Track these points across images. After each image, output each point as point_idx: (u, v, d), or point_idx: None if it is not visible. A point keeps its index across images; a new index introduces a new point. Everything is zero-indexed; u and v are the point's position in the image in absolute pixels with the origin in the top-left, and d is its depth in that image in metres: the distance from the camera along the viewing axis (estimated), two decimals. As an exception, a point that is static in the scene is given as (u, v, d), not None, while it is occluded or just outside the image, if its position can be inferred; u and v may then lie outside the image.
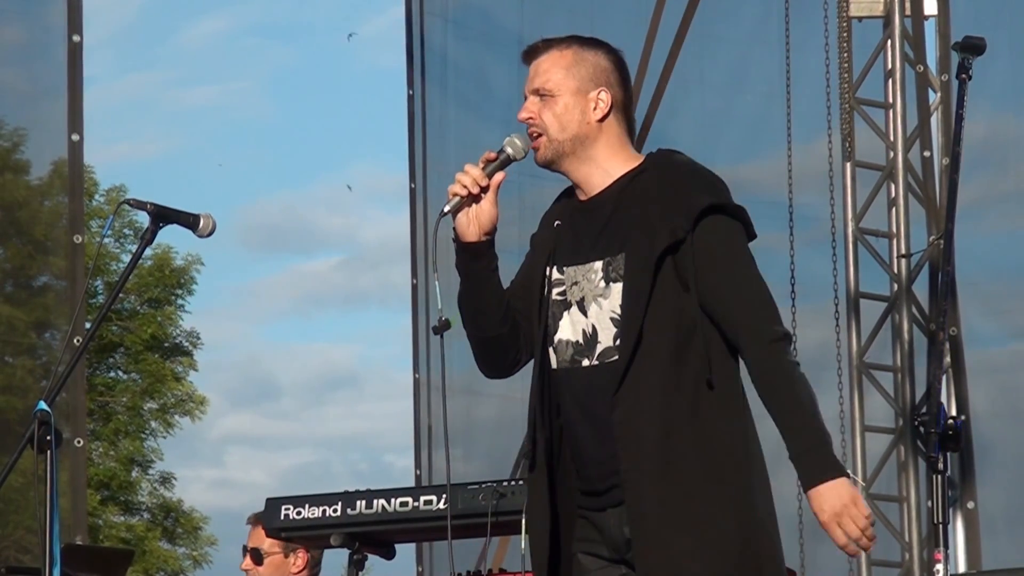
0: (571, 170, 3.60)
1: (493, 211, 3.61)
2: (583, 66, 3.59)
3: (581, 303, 3.53)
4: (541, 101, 3.60)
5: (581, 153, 3.57)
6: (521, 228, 10.21)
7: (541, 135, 3.59)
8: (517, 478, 5.11)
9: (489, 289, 3.63)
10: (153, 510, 23.59)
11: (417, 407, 9.00)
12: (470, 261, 3.63)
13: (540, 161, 3.61)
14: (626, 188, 3.55)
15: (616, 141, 3.58)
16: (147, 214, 4.05)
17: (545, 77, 3.60)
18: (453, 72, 9.35)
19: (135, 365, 23.46)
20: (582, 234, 3.57)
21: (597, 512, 3.52)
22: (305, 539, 4.97)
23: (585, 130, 3.57)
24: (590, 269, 3.53)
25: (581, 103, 3.57)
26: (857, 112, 8.44)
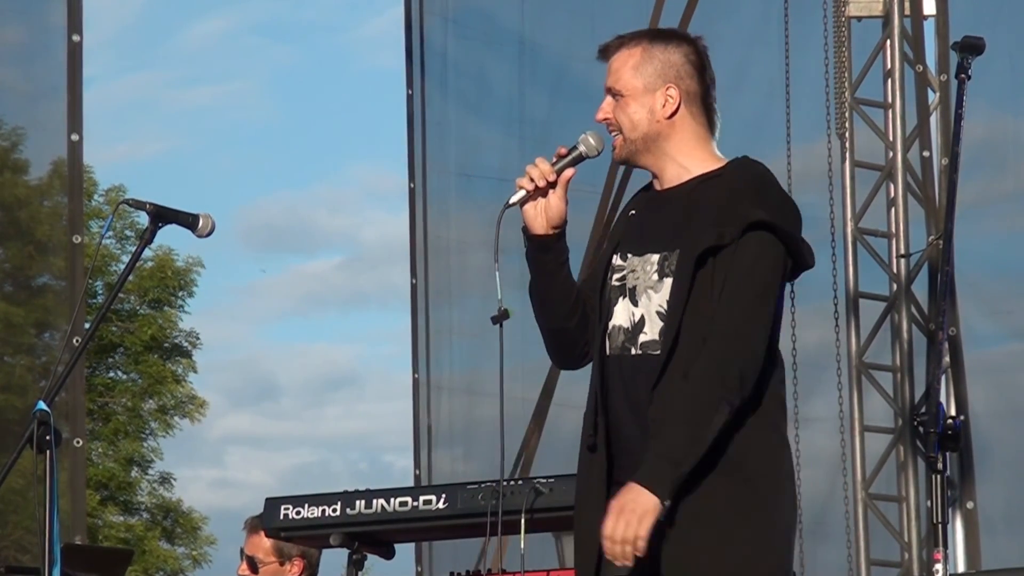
0: (647, 164, 3.63)
1: (561, 206, 3.62)
2: (651, 63, 3.60)
3: (634, 292, 3.56)
4: (615, 101, 3.62)
5: (655, 149, 3.59)
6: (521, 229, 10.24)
7: (618, 134, 3.62)
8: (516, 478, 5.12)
9: (558, 281, 3.65)
10: (152, 510, 23.58)
11: (416, 407, 9.00)
12: (539, 253, 3.66)
13: (617, 159, 3.64)
14: (697, 188, 3.56)
15: (691, 136, 3.59)
16: (146, 214, 4.06)
17: (615, 77, 3.62)
18: (453, 72, 9.35)
19: (135, 366, 23.45)
20: (648, 225, 3.60)
21: None
22: (304, 539, 4.96)
23: (656, 128, 3.58)
24: (647, 260, 3.56)
25: (649, 101, 3.58)
26: (856, 112, 8.44)
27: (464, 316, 9.37)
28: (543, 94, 9.39)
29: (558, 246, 3.65)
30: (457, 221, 9.35)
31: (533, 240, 3.66)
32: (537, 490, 4.55)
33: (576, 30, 9.37)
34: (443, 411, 9.07)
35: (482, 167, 9.41)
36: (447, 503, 4.68)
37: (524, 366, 9.18)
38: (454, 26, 9.34)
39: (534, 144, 9.34)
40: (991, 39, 3.61)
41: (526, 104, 9.37)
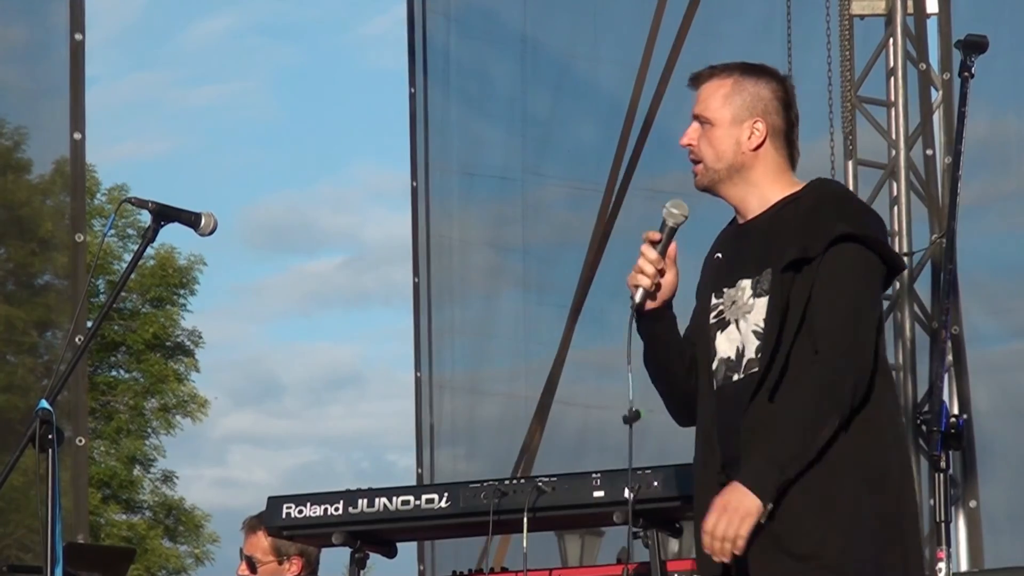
0: (728, 195, 3.69)
1: (673, 280, 3.68)
2: (741, 95, 3.66)
3: (737, 321, 3.62)
4: (701, 128, 3.67)
5: (737, 180, 3.66)
6: (524, 226, 10.30)
7: (699, 162, 3.67)
8: (519, 477, 5.12)
9: (672, 348, 3.72)
10: (155, 508, 23.59)
11: (418, 406, 8.99)
12: (651, 324, 3.71)
13: (698, 187, 3.70)
14: (779, 212, 3.63)
15: (773, 168, 3.67)
16: (149, 213, 4.06)
17: (704, 105, 3.67)
18: (455, 70, 9.35)
19: (137, 364, 23.45)
20: (736, 257, 3.67)
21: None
22: (307, 538, 4.96)
23: (740, 159, 3.65)
24: (739, 288, 3.62)
25: (736, 133, 3.65)
26: (859, 110, 8.43)
27: (466, 315, 9.37)
28: (545, 92, 9.39)
29: (669, 313, 3.72)
30: (460, 220, 9.35)
31: (645, 315, 3.70)
32: (539, 489, 4.54)
33: (578, 28, 9.36)
34: (445, 410, 9.06)
35: (484, 165, 9.41)
36: (449, 502, 4.67)
37: (527, 365, 9.18)
38: (456, 25, 9.34)
39: (536, 143, 9.34)
40: (994, 37, 3.61)
41: (528, 102, 9.37)
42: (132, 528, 22.83)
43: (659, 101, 8.76)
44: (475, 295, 9.45)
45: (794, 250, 3.50)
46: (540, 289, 9.32)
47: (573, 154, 9.32)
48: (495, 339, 9.35)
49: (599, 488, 4.50)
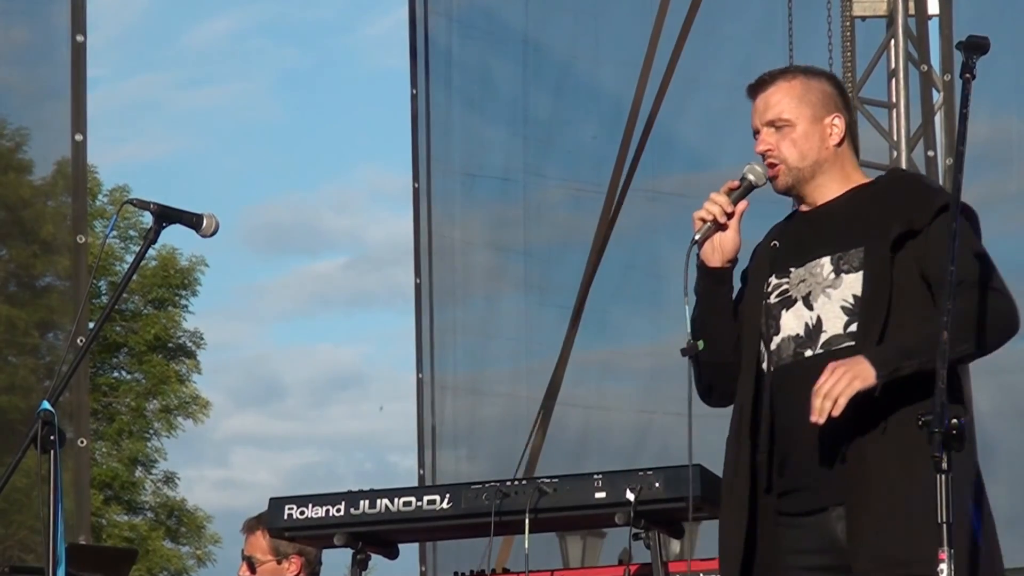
0: (809, 191, 3.74)
1: (736, 238, 3.73)
2: (813, 94, 3.74)
3: (807, 297, 3.63)
4: (777, 132, 3.73)
5: (820, 177, 3.71)
6: (525, 228, 10.29)
7: (779, 164, 3.72)
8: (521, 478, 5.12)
9: (725, 315, 3.74)
10: (156, 509, 23.60)
11: (420, 407, 9.00)
12: (713, 285, 3.74)
13: (779, 188, 3.75)
14: (857, 194, 3.69)
15: (850, 163, 3.75)
16: (150, 214, 4.06)
17: (779, 108, 3.74)
18: (457, 71, 9.35)
19: (138, 366, 23.46)
20: (806, 238, 3.70)
21: (807, 515, 3.55)
22: (308, 539, 4.96)
23: (824, 155, 3.71)
24: (816, 265, 3.65)
25: (818, 130, 3.72)
26: (860, 111, 8.43)
27: (468, 316, 9.37)
28: (547, 93, 9.39)
29: (730, 278, 3.75)
30: (461, 221, 9.36)
31: (710, 273, 3.73)
32: (541, 490, 4.54)
33: (580, 30, 9.37)
34: (447, 411, 9.07)
35: (486, 167, 9.41)
36: (451, 503, 4.67)
37: (528, 366, 9.18)
38: (458, 26, 9.34)
39: (538, 144, 9.34)
40: (995, 38, 3.61)
41: (530, 104, 9.37)
42: (134, 529, 22.84)
43: (660, 102, 8.76)
44: (477, 296, 9.45)
45: (898, 225, 3.54)
46: (542, 290, 9.32)
47: (574, 155, 9.32)
48: (497, 340, 9.35)
49: (601, 489, 4.50)
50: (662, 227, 9.10)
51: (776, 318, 3.65)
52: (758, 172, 3.73)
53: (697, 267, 3.74)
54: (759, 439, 3.61)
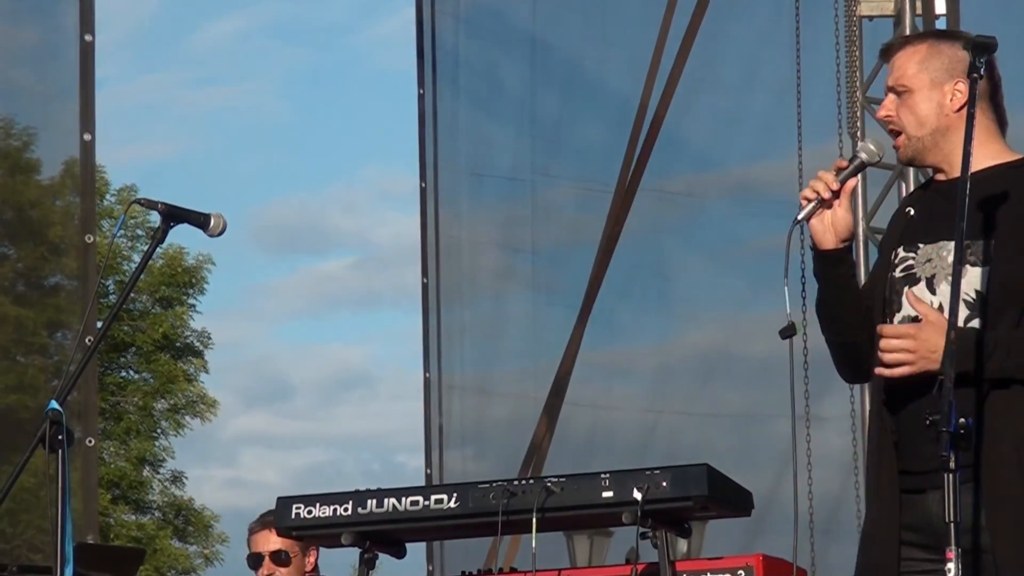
0: (935, 161, 3.61)
1: (848, 217, 3.61)
2: (938, 59, 3.59)
3: (931, 280, 3.53)
4: (898, 99, 3.60)
5: (943, 143, 3.58)
6: (533, 227, 10.28)
7: (900, 133, 3.60)
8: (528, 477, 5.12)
9: (847, 295, 3.64)
10: (164, 509, 23.62)
11: (428, 406, 9.00)
12: (829, 268, 3.63)
13: (902, 159, 3.63)
14: (998, 174, 3.54)
15: (982, 129, 3.56)
16: (158, 213, 4.06)
17: (899, 73, 3.60)
18: (465, 71, 9.35)
19: (146, 365, 23.48)
20: (938, 213, 3.56)
21: (914, 493, 3.51)
22: (316, 538, 4.97)
23: (944, 122, 3.58)
24: (943, 247, 3.52)
25: (937, 96, 3.57)
26: (868, 112, 8.43)
27: (476, 315, 9.37)
28: (554, 93, 9.39)
29: (848, 258, 3.64)
30: (468, 221, 9.36)
31: (823, 255, 3.63)
32: (548, 489, 4.54)
33: (587, 29, 9.37)
34: (454, 410, 9.07)
35: (493, 166, 9.42)
36: (458, 502, 4.67)
37: (536, 366, 9.18)
38: (465, 25, 9.35)
39: (545, 143, 9.34)
40: (1002, 38, 3.61)
41: (537, 103, 9.37)
42: (141, 528, 22.86)
43: (668, 102, 8.76)
44: (484, 296, 9.45)
45: None
46: (549, 290, 9.32)
47: (582, 155, 9.32)
48: (504, 340, 9.36)
49: (608, 488, 4.50)
50: (669, 227, 9.10)
51: (899, 294, 3.56)
52: (871, 150, 3.60)
53: (812, 250, 3.63)
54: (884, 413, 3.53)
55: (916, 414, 3.44)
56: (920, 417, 3.36)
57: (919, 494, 3.52)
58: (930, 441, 3.34)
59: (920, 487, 3.51)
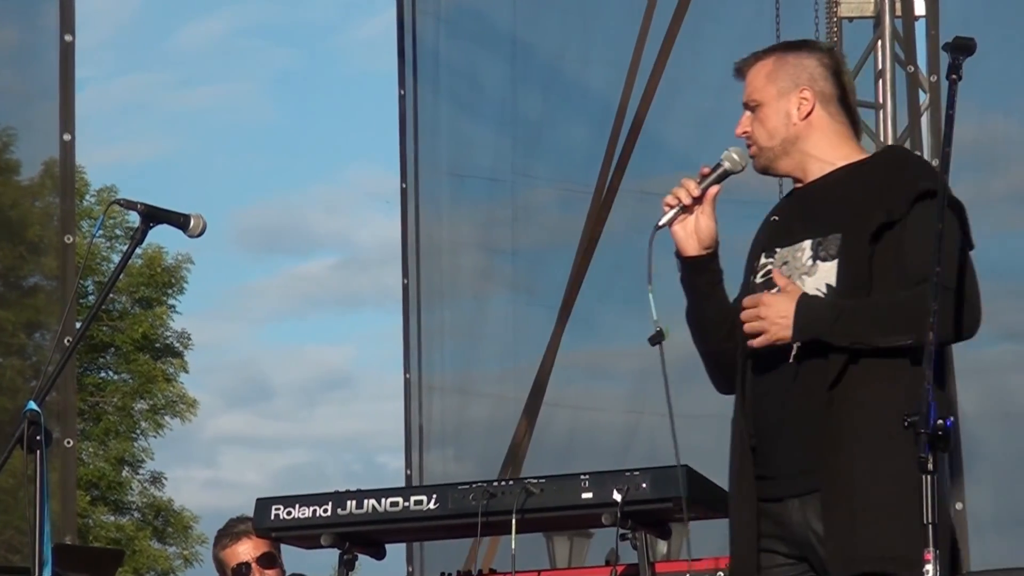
0: (789, 169, 3.65)
1: (711, 224, 3.64)
2: (783, 70, 3.64)
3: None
4: (752, 114, 3.66)
5: (794, 151, 3.62)
6: (514, 228, 10.29)
7: (753, 145, 3.66)
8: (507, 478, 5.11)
9: (712, 303, 3.66)
10: (143, 510, 23.56)
11: (408, 407, 8.99)
12: (693, 275, 3.66)
13: (757, 169, 3.68)
14: (846, 175, 3.57)
15: (831, 133, 3.61)
16: (138, 214, 4.06)
17: (750, 89, 3.67)
18: (445, 72, 9.34)
19: (126, 365, 23.43)
20: (794, 217, 3.61)
21: (773, 502, 3.51)
22: (295, 539, 4.96)
23: (793, 131, 3.62)
24: (797, 248, 3.56)
25: (784, 106, 3.62)
26: (848, 113, 8.44)
27: (456, 316, 9.37)
28: (535, 94, 9.39)
29: (712, 266, 3.67)
30: (449, 221, 9.35)
31: (686, 262, 3.66)
32: (528, 490, 4.54)
33: (568, 30, 9.36)
34: (435, 411, 9.06)
35: (474, 167, 9.41)
36: (438, 503, 4.67)
37: (517, 367, 9.18)
38: (446, 26, 9.34)
39: (526, 144, 9.34)
40: (981, 39, 3.61)
41: (518, 104, 9.37)
42: (120, 529, 22.80)
43: (648, 102, 8.76)
44: (465, 297, 9.45)
45: (880, 214, 3.44)
46: (530, 291, 9.32)
47: (563, 156, 9.32)
48: (485, 341, 9.35)
49: (588, 490, 4.50)
50: (650, 227, 9.09)
51: None
52: (734, 159, 3.66)
53: (676, 256, 3.66)
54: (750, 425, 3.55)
55: (770, 416, 3.48)
56: (774, 420, 3.42)
57: (777, 503, 3.52)
58: (784, 445, 3.38)
59: (777, 495, 3.51)
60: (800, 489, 3.47)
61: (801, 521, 3.48)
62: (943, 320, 3.38)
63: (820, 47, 3.70)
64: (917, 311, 3.35)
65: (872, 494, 3.39)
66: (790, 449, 3.48)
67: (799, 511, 3.48)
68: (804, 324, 3.40)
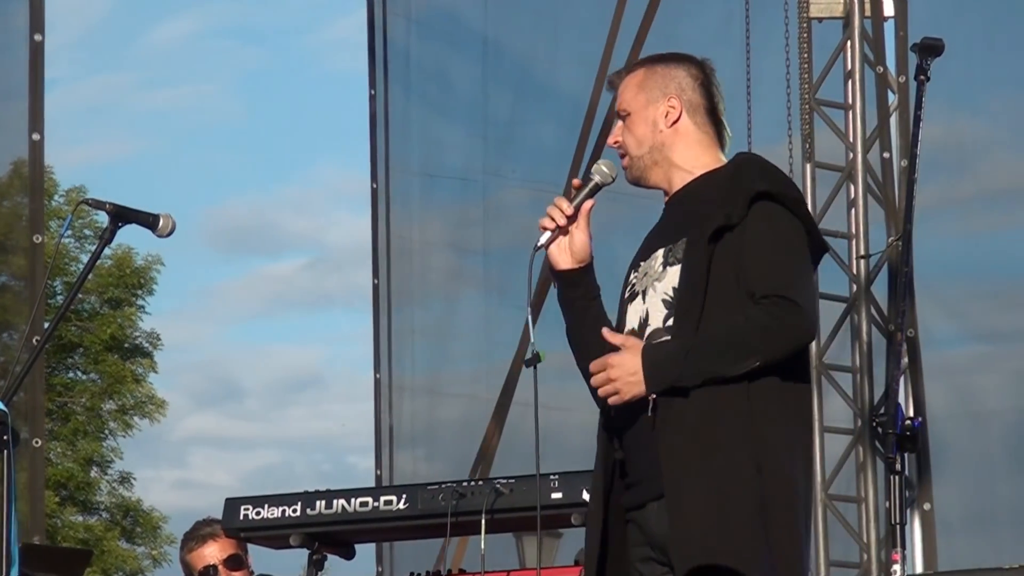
0: (658, 180, 3.67)
1: (584, 238, 3.65)
2: (652, 79, 3.67)
3: (644, 292, 3.59)
4: (623, 124, 3.68)
5: (661, 160, 3.64)
6: (485, 228, 10.28)
7: (625, 155, 3.67)
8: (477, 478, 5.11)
9: (590, 319, 3.66)
10: (112, 510, 23.49)
11: (378, 407, 8.98)
12: (568, 290, 3.67)
13: (629, 180, 3.70)
14: (704, 181, 3.61)
15: (695, 143, 3.64)
16: (106, 214, 4.05)
17: (620, 99, 3.70)
18: (417, 72, 9.34)
19: (94, 366, 23.34)
20: (656, 232, 3.65)
21: (637, 510, 3.54)
22: (264, 539, 4.95)
23: (660, 138, 3.64)
24: (654, 258, 3.60)
25: (652, 114, 3.65)
26: (817, 113, 8.46)
27: (427, 316, 9.36)
28: (506, 94, 9.39)
29: (586, 280, 3.67)
30: (420, 221, 9.34)
31: (561, 277, 3.67)
32: (497, 491, 4.55)
33: (539, 31, 9.37)
34: (405, 411, 9.05)
35: (445, 167, 9.40)
36: (407, 503, 4.67)
37: (488, 367, 9.17)
38: (417, 26, 9.33)
39: (497, 144, 9.34)
40: (949, 40, 3.62)
41: (489, 104, 9.37)
42: (89, 530, 22.71)
43: (618, 104, 8.76)
44: (436, 297, 9.44)
45: (720, 216, 3.47)
46: (501, 291, 9.32)
47: (534, 155, 9.32)
48: (455, 341, 9.34)
49: (557, 490, 4.51)
50: (620, 227, 9.10)
51: (624, 312, 3.63)
52: (603, 171, 3.67)
53: (551, 273, 3.67)
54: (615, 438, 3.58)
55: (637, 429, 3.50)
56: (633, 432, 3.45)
57: (640, 510, 3.55)
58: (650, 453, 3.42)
59: (640, 501, 3.54)
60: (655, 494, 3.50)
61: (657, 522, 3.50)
62: (786, 331, 3.39)
63: (692, 59, 3.73)
64: (759, 334, 3.39)
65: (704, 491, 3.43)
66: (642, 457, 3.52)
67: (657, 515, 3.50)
68: (655, 376, 3.42)
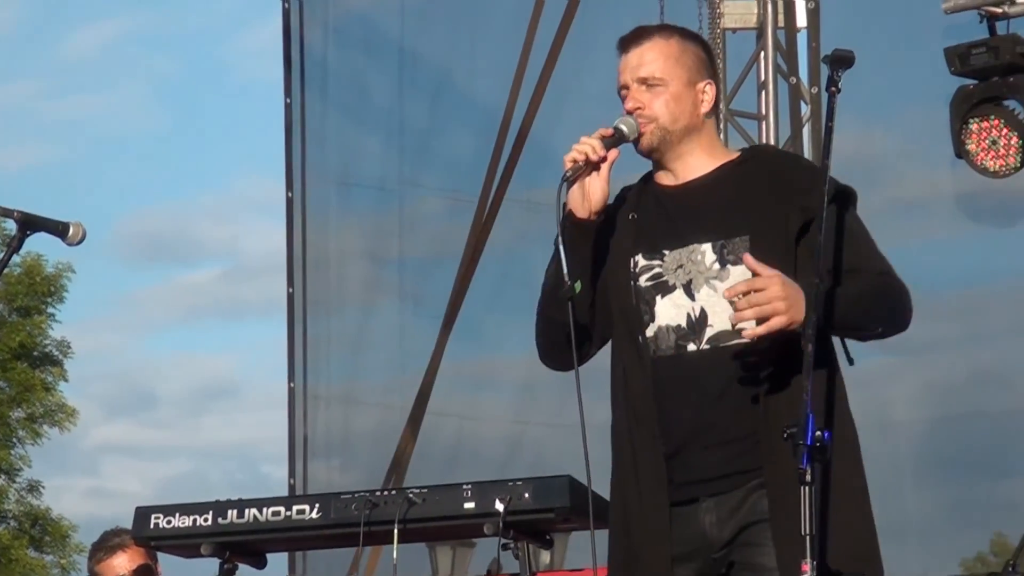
0: (673, 157, 3.59)
1: (605, 189, 3.55)
2: (688, 57, 3.60)
3: (688, 285, 3.49)
4: (649, 90, 3.57)
5: (687, 143, 3.58)
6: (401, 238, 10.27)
7: (649, 123, 3.56)
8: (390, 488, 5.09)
9: (585, 271, 3.56)
10: (20, 518, 23.23)
11: (292, 417, 8.94)
12: (578, 238, 3.53)
13: (645, 146, 3.58)
14: (729, 175, 3.55)
15: (715, 137, 3.64)
16: (14, 221, 4.00)
17: (654, 66, 3.58)
18: (333, 80, 9.31)
19: (2, 373, 23.09)
20: (679, 218, 3.54)
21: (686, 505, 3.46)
22: (175, 548, 4.91)
23: (694, 122, 3.59)
24: (695, 251, 3.49)
25: (692, 95, 3.58)
26: (731, 123, 8.51)
27: (343, 326, 9.33)
28: (423, 103, 9.38)
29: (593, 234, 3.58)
30: (337, 231, 9.31)
31: (575, 225, 3.54)
32: (410, 500, 4.53)
33: (456, 39, 9.36)
34: (320, 421, 9.02)
35: (362, 176, 9.38)
36: (320, 513, 4.65)
37: (403, 377, 9.16)
38: (335, 35, 9.31)
39: (414, 153, 9.32)
40: (862, 53, 3.64)
41: (406, 113, 9.35)
42: (-3, 539, 22.47)
43: (535, 112, 8.78)
44: (351, 307, 9.41)
45: (797, 217, 3.43)
46: (416, 301, 9.30)
47: (450, 165, 9.32)
48: (371, 350, 9.32)
49: (470, 500, 4.50)
50: (538, 238, 9.10)
51: (650, 304, 3.50)
52: (631, 124, 3.57)
53: (564, 215, 3.55)
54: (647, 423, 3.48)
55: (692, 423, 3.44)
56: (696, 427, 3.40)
57: (690, 504, 3.48)
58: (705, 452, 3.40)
59: (693, 496, 3.48)
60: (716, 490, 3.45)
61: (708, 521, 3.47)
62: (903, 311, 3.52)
63: (704, 42, 3.68)
64: (895, 300, 3.51)
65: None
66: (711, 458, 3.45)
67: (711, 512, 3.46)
68: (807, 308, 3.34)
